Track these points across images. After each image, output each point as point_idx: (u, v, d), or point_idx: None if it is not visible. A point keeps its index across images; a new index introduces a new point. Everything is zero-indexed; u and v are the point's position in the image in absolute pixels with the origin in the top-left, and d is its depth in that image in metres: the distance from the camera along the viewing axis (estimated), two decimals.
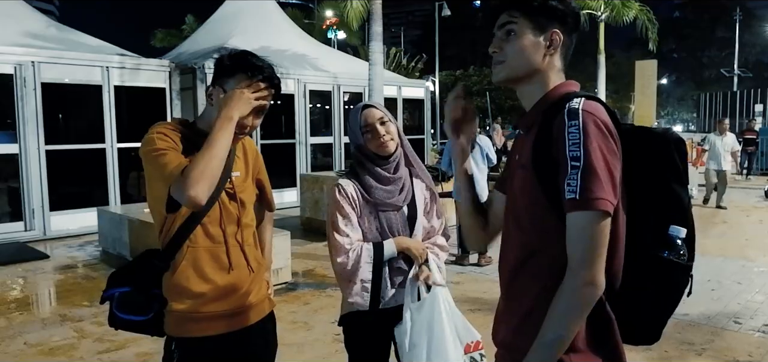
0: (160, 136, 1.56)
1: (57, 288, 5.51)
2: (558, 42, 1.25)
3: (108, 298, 1.66)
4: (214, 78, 1.67)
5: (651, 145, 1.19)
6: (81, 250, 7.03)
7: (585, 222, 1.10)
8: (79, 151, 8.12)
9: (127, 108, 8.51)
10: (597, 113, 1.14)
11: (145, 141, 1.58)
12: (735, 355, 3.57)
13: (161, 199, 1.58)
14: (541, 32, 1.24)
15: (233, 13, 12.18)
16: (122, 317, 1.66)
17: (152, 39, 22.61)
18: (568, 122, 1.13)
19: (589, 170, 1.09)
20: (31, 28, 8.52)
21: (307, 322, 4.30)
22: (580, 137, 1.11)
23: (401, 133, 2.02)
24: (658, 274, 1.17)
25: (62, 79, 7.88)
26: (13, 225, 7.60)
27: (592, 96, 1.21)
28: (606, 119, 1.15)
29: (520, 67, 1.26)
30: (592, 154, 1.10)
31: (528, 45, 1.24)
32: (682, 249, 1.15)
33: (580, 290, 1.11)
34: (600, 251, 1.11)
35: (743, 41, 42.99)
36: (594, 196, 1.08)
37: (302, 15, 21.92)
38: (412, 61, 28.04)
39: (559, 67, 1.27)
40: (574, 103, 1.16)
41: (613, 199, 1.10)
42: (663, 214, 1.17)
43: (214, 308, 1.64)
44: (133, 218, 6.18)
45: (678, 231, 1.15)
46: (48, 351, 3.83)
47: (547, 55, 1.25)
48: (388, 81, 11.91)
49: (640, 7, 14.39)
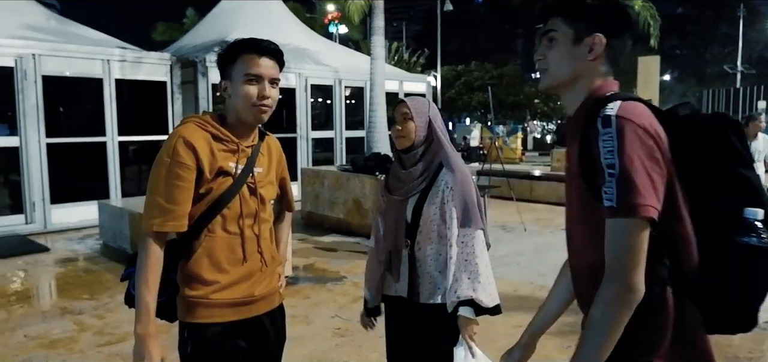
0: (177, 163, 1.59)
1: (57, 281, 5.52)
2: (600, 47, 1.23)
3: (127, 276, 1.70)
4: (221, 73, 1.71)
5: (704, 132, 1.17)
6: (81, 243, 7.03)
7: (622, 229, 1.09)
8: (80, 144, 8.12)
9: (127, 101, 8.50)
10: (633, 117, 1.12)
11: (168, 149, 1.61)
12: (735, 352, 3.57)
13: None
14: (581, 39, 1.23)
15: (234, 6, 12.17)
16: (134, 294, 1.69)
17: (153, 32, 22.54)
18: (602, 130, 1.12)
19: (624, 177, 1.08)
20: (31, 21, 8.51)
21: (307, 316, 4.30)
22: (614, 145, 1.10)
23: (435, 131, 2.00)
24: (739, 260, 1.13)
25: (63, 71, 7.87)
26: (14, 218, 7.61)
27: (632, 96, 1.18)
28: (644, 122, 1.12)
29: (560, 75, 1.27)
30: (627, 160, 1.08)
31: (568, 52, 1.24)
32: (763, 231, 1.11)
33: (618, 298, 1.10)
34: (638, 258, 1.09)
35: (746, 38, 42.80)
36: (631, 203, 1.08)
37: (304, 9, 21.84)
38: (414, 55, 28.00)
39: (604, 71, 1.25)
40: (609, 109, 1.14)
41: (654, 203, 1.09)
42: (733, 199, 1.13)
43: (225, 296, 1.67)
44: (134, 211, 6.18)
45: (754, 214, 1.11)
46: (48, 344, 3.83)
47: (589, 61, 1.24)
48: (390, 76, 11.88)
49: (642, 3, 14.31)
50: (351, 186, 7.40)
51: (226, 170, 1.65)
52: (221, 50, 1.69)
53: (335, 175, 7.75)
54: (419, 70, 24.62)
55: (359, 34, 22.79)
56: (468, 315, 1.88)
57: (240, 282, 1.70)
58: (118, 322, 4.20)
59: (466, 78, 34.19)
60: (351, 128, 11.54)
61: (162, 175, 1.59)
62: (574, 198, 1.26)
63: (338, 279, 5.22)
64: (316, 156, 10.94)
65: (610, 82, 1.26)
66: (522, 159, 21.51)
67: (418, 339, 2.03)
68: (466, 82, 33.96)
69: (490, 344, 2.48)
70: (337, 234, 7.33)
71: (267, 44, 1.68)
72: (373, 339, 3.67)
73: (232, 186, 1.66)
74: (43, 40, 7.86)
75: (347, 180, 7.45)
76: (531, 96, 34.92)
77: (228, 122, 1.70)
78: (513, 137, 22.44)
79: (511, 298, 4.57)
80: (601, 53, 1.24)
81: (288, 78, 10.45)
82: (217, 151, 1.64)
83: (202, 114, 1.71)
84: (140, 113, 8.86)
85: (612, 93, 1.22)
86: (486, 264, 1.91)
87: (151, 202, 1.60)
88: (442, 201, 1.96)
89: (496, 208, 8.82)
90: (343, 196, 7.49)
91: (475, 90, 33.16)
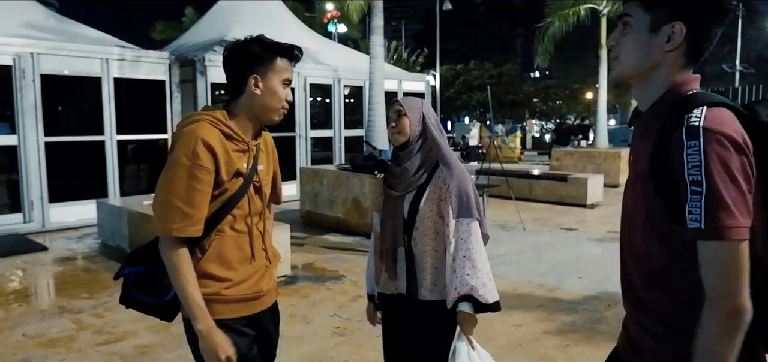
0: (197, 166, 1.56)
1: (56, 280, 5.51)
2: (680, 36, 1.12)
3: (122, 276, 1.70)
4: (247, 66, 1.66)
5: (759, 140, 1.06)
6: (80, 242, 7.02)
7: (716, 253, 1.01)
8: (79, 143, 8.11)
9: (126, 100, 8.49)
10: (721, 127, 1.02)
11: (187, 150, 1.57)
12: None
13: None
14: (658, 26, 1.13)
15: (233, 5, 12.14)
16: (137, 296, 1.70)
17: (152, 31, 22.53)
18: (687, 142, 1.02)
19: (713, 197, 1.00)
20: (30, 19, 8.49)
21: (306, 315, 4.30)
22: (700, 160, 1.00)
23: (429, 128, 2.03)
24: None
25: (61, 70, 7.86)
26: (12, 217, 7.60)
27: (718, 100, 1.08)
28: (732, 133, 1.02)
29: (631, 66, 1.18)
30: (716, 178, 1.00)
31: (642, 41, 1.15)
32: None
33: (726, 322, 1.02)
34: (739, 277, 1.01)
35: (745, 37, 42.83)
36: (722, 225, 1.00)
37: (303, 8, 21.83)
38: (413, 54, 27.97)
39: (683, 63, 1.15)
40: (694, 118, 1.04)
41: (746, 222, 1.01)
42: None
43: (236, 292, 1.70)
44: (133, 210, 6.17)
45: None
46: (47, 343, 3.82)
47: (667, 52, 1.13)
48: (389, 75, 11.87)
49: None
50: (350, 186, 7.40)
51: (240, 171, 1.67)
52: (259, 46, 1.67)
53: (334, 174, 7.74)
54: (418, 70, 24.60)
55: (358, 33, 22.78)
56: (467, 311, 1.88)
57: (249, 278, 1.73)
58: (116, 321, 4.20)
59: (465, 77, 34.20)
60: (350, 127, 11.54)
61: (181, 177, 1.56)
62: (640, 197, 1.17)
63: (337, 279, 5.22)
64: (314, 155, 10.93)
65: (690, 77, 1.16)
66: (521, 158, 21.54)
67: (416, 337, 2.04)
68: (465, 81, 33.97)
69: (490, 342, 2.48)
70: (336, 234, 7.33)
71: (298, 52, 1.75)
72: (372, 338, 3.67)
73: (242, 185, 1.68)
74: (41, 39, 7.85)
75: (346, 179, 7.45)
76: (530, 95, 34.94)
77: (237, 118, 1.69)
78: (512, 136, 22.47)
79: (510, 297, 4.57)
80: (681, 44, 1.13)
81: None
82: (231, 152, 1.64)
83: (210, 110, 1.67)
84: (139, 112, 8.85)
85: (693, 91, 1.13)
86: (484, 259, 1.91)
87: (169, 204, 1.56)
88: (438, 198, 1.98)
89: (495, 207, 8.82)
90: (342, 195, 7.48)
91: (474, 89, 33.17)
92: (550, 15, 14.79)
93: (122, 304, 1.74)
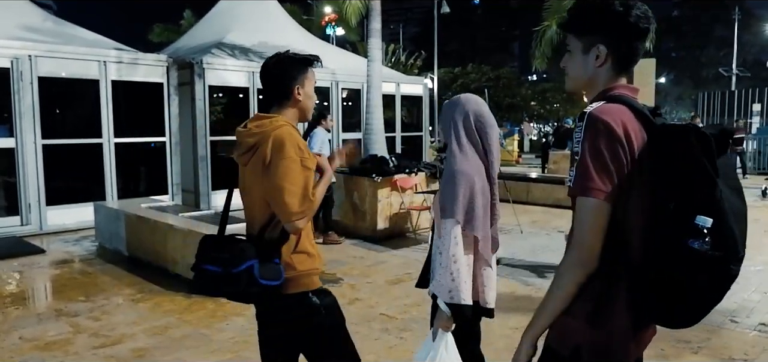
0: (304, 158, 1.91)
1: (53, 283, 5.50)
2: (604, 55, 1.41)
3: (246, 269, 1.86)
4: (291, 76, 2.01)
5: (672, 139, 1.28)
6: (77, 245, 7.01)
7: (579, 205, 1.31)
8: (76, 146, 8.10)
9: (124, 103, 8.48)
10: (602, 115, 1.29)
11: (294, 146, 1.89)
12: (731, 354, 3.58)
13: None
14: (588, 49, 1.43)
15: (231, 8, 12.14)
16: (264, 283, 1.89)
17: (150, 34, 22.51)
18: (578, 124, 1.32)
19: (582, 164, 1.29)
20: (28, 22, 8.48)
21: None
22: (581, 135, 1.30)
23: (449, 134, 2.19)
24: (684, 263, 1.22)
25: (59, 73, 7.85)
26: (10, 220, 7.58)
27: (625, 100, 1.35)
28: (610, 121, 1.28)
29: (576, 80, 1.49)
30: (587, 149, 1.29)
31: (579, 62, 1.46)
32: (708, 239, 1.19)
33: (572, 266, 1.32)
34: (590, 232, 1.29)
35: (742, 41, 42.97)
36: (584, 185, 1.29)
37: (301, 11, 21.84)
38: (411, 57, 28.00)
39: (613, 73, 1.42)
40: (591, 107, 1.33)
41: (603, 187, 1.27)
42: (689, 205, 1.22)
43: (319, 265, 2.06)
44: (130, 213, 6.17)
45: (703, 221, 1.19)
46: (43, 346, 3.82)
47: (597, 67, 1.43)
48: (387, 78, 11.89)
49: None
50: (348, 188, 7.40)
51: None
52: (298, 59, 2.04)
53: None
54: (416, 72, 24.63)
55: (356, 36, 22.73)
56: (440, 307, 2.01)
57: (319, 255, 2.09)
58: (113, 324, 4.19)
59: (463, 80, 34.23)
60: (348, 130, 11.54)
61: (296, 170, 1.87)
62: None
63: (334, 282, 5.22)
64: None
65: (619, 84, 1.42)
66: (518, 161, 21.55)
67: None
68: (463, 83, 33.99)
69: (488, 346, 2.48)
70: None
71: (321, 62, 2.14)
72: (370, 341, 3.67)
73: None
74: (39, 42, 7.84)
75: (344, 182, 7.45)
76: (527, 98, 34.99)
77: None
78: (509, 139, 22.47)
79: (508, 300, 4.58)
80: (607, 59, 1.41)
81: None
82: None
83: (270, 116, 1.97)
84: (136, 115, 8.84)
85: (616, 93, 1.38)
86: (449, 260, 2.00)
87: (293, 193, 1.86)
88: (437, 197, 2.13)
89: None
90: (339, 198, 7.48)
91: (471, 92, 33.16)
92: (548, 18, 14.81)
93: (240, 298, 2.01)
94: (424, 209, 7.27)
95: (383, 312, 4.40)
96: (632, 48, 1.43)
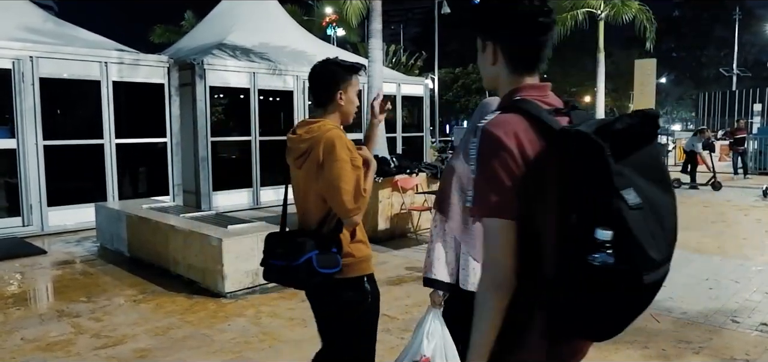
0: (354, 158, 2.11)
1: (54, 284, 5.50)
2: (494, 53, 1.35)
3: (305, 261, 2.05)
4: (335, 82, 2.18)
5: (566, 145, 1.17)
6: (79, 246, 7.02)
7: (484, 227, 1.24)
8: (77, 147, 8.11)
9: (125, 103, 8.49)
10: (494, 129, 1.22)
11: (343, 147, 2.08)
12: (732, 354, 3.58)
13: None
14: (484, 48, 1.38)
15: (232, 9, 12.15)
16: (324, 272, 2.07)
17: (151, 34, 22.53)
18: (473, 140, 1.26)
19: (476, 182, 1.24)
20: (29, 23, 8.50)
21: (305, 319, 4.29)
22: (477, 153, 1.24)
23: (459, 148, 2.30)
24: (589, 280, 1.13)
25: (60, 74, 7.87)
26: (11, 221, 7.59)
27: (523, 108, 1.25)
28: (503, 134, 1.21)
29: (485, 80, 1.44)
30: (481, 167, 1.23)
31: (481, 60, 1.41)
32: (610, 252, 1.10)
33: (488, 291, 1.24)
34: (499, 252, 1.21)
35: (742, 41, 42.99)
36: (480, 205, 1.23)
37: (301, 11, 21.85)
38: (412, 58, 28.02)
39: (510, 72, 1.35)
40: (486, 119, 1.26)
41: (502, 206, 1.20)
42: (588, 217, 1.12)
43: (370, 253, 2.26)
44: (131, 214, 6.18)
45: (603, 235, 1.10)
46: (45, 347, 3.82)
47: (492, 66, 1.37)
48: (388, 78, 11.89)
49: (639, 6, 14.36)
50: None
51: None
52: (342, 66, 2.20)
53: None
54: (417, 73, 24.64)
55: (357, 37, 22.78)
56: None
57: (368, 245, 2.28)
58: (115, 325, 4.20)
59: (463, 80, 34.25)
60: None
61: (348, 170, 2.05)
62: None
63: None
64: None
65: (523, 85, 1.34)
66: None
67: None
68: (464, 84, 34.01)
69: None
70: None
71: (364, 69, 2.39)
72: None
73: None
74: (40, 43, 7.85)
75: None
76: None
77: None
78: None
79: None
80: (500, 58, 1.35)
81: (285, 80, 10.45)
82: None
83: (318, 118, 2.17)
84: (138, 115, 8.86)
85: (519, 97, 1.30)
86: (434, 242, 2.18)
87: (345, 191, 2.04)
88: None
89: None
90: None
91: (473, 92, 33.21)
92: None
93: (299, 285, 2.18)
94: (425, 209, 7.27)
95: (384, 313, 4.37)
96: (526, 45, 1.32)
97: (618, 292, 1.13)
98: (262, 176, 10.19)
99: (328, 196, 2.07)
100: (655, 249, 1.12)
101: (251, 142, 10.09)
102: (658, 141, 1.27)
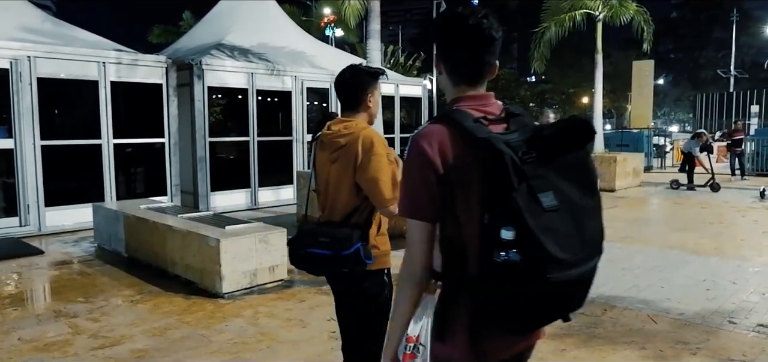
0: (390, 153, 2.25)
1: (52, 284, 5.49)
2: (439, 65, 1.44)
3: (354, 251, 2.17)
4: (365, 86, 2.36)
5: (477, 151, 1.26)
6: (76, 246, 7.00)
7: (407, 224, 1.36)
8: (75, 147, 8.09)
9: (123, 103, 8.48)
10: (421, 139, 1.32)
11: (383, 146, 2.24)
12: (730, 355, 3.58)
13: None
14: (436, 60, 1.46)
15: (230, 9, 12.14)
16: (367, 262, 2.20)
17: (150, 35, 22.48)
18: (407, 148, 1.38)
19: (401, 184, 1.39)
20: (27, 23, 8.48)
21: (303, 319, 4.29)
22: (404, 160, 1.37)
23: None
24: (497, 276, 1.20)
25: (58, 74, 7.85)
26: (8, 221, 7.57)
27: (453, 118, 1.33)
28: (425, 143, 1.31)
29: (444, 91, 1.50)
30: (404, 173, 1.37)
31: (436, 73, 1.51)
32: (515, 251, 1.17)
33: (403, 281, 1.40)
34: (414, 247, 1.35)
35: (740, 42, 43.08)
36: (402, 205, 1.38)
37: (300, 12, 21.82)
38: (410, 59, 27.99)
39: (452, 83, 1.44)
40: (419, 128, 1.37)
41: (419, 208, 1.33)
42: (494, 218, 1.20)
43: (390, 247, 2.35)
44: (129, 214, 6.17)
45: (507, 234, 1.17)
46: (42, 347, 3.81)
47: (440, 76, 1.46)
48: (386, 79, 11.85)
49: (637, 7, 14.37)
50: None
51: None
52: (369, 72, 2.38)
53: None
54: (415, 74, 24.63)
55: (355, 38, 22.80)
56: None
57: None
58: (112, 325, 4.19)
59: None
60: None
61: (386, 164, 2.20)
62: None
63: None
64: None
65: (462, 96, 1.41)
66: None
67: None
68: None
69: None
70: None
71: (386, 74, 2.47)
72: None
73: None
74: (38, 42, 7.83)
75: None
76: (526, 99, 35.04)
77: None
78: None
79: None
80: (442, 69, 1.44)
81: (284, 81, 10.45)
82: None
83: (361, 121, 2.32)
84: (136, 116, 8.84)
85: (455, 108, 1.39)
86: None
87: (385, 183, 2.17)
88: None
89: None
90: None
91: None
92: (547, 19, 14.83)
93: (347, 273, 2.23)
94: None
95: None
96: (465, 59, 1.40)
97: (528, 289, 1.20)
98: (260, 177, 10.18)
99: (368, 187, 2.19)
100: (561, 249, 1.18)
101: (249, 143, 10.08)
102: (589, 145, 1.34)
